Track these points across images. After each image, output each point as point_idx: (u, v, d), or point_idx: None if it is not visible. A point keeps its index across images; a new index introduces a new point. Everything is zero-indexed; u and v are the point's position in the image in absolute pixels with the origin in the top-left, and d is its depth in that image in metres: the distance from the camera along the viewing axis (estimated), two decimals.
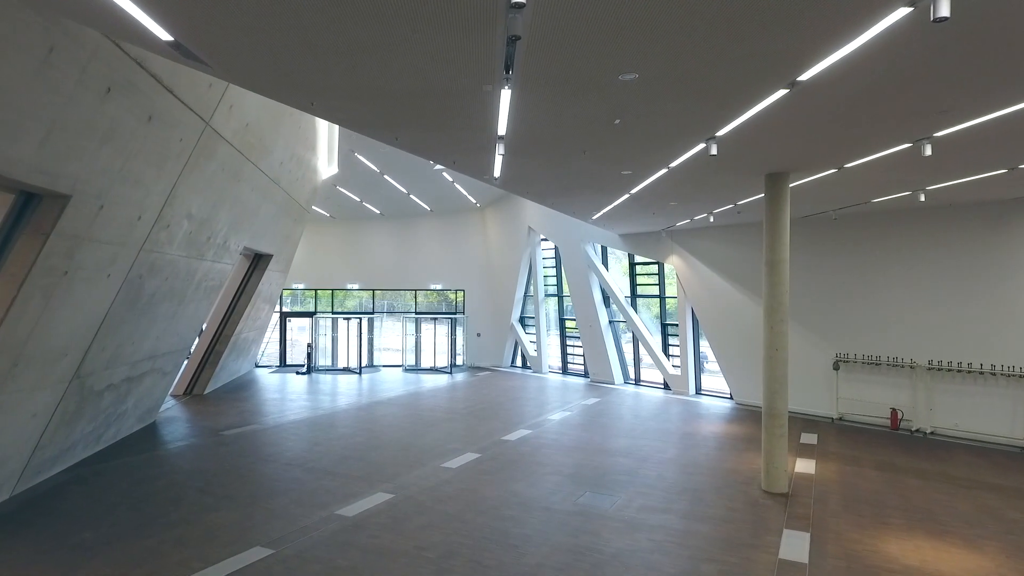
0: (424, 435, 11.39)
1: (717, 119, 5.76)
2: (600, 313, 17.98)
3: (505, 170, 8.16)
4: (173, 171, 8.09)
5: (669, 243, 15.91)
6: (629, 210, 11.93)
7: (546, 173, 8.43)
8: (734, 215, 12.46)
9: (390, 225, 23.63)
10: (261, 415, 13.28)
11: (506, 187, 9.68)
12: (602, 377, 18.10)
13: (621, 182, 9.00)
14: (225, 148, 9.40)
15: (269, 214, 13.95)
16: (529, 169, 8.17)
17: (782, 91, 4.92)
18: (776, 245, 8.26)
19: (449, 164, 7.86)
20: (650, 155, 7.24)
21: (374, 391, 16.93)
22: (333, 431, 11.72)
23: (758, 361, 14.74)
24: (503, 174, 8.44)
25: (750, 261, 14.26)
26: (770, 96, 5.04)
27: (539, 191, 10.04)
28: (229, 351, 16.66)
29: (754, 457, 9.87)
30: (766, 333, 8.30)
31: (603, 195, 10.15)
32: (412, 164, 16.66)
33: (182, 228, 9.30)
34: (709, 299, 15.20)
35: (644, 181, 8.83)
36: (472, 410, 13.94)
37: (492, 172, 8.31)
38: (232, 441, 10.87)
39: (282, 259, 17.87)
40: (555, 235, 19.40)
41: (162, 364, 11.39)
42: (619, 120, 5.77)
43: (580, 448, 10.46)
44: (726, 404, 14.84)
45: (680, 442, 11.02)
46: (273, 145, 11.74)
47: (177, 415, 13.20)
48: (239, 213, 11.71)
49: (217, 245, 11.30)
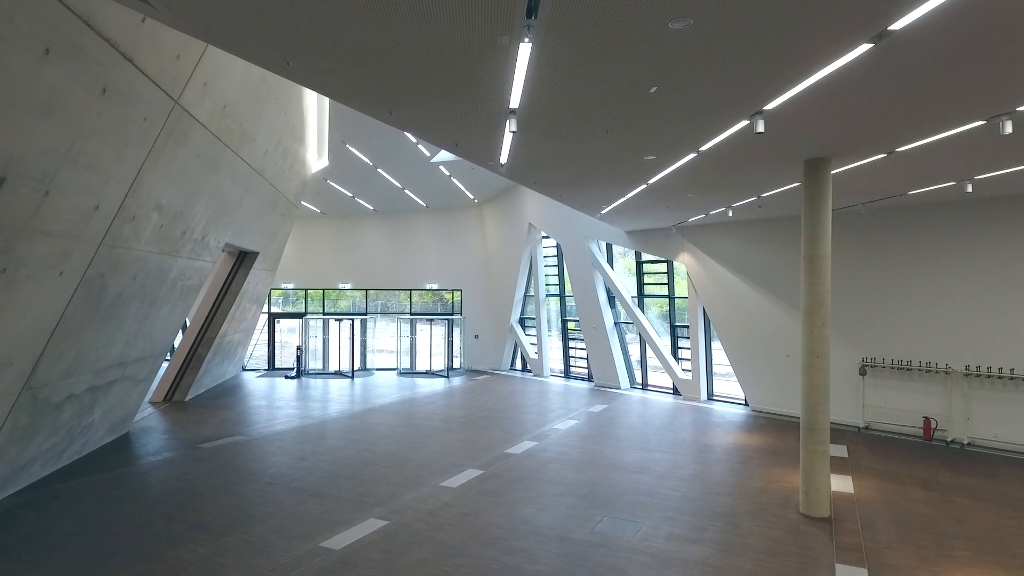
0: (420, 448, 10.46)
1: (773, 86, 4.86)
2: (605, 314, 17.09)
3: (513, 154, 7.24)
4: (137, 155, 7.13)
5: (680, 240, 15.03)
6: (642, 203, 11.04)
7: (559, 158, 7.52)
8: (754, 209, 11.60)
9: (384, 222, 22.65)
10: (245, 425, 12.31)
11: (512, 176, 8.76)
12: (607, 381, 17.21)
13: (641, 170, 8.10)
14: (199, 132, 8.44)
15: (253, 208, 12.98)
16: (541, 153, 7.25)
17: (865, 46, 4.02)
18: (816, 239, 7.38)
19: (450, 146, 6.93)
20: (682, 135, 6.34)
21: (367, 397, 15.98)
22: (322, 443, 10.77)
23: (775, 366, 14.18)
24: (511, 160, 7.52)
25: (769, 259, 13.41)
26: (848, 53, 4.14)
27: (548, 180, 9.12)
28: (213, 354, 15.67)
29: (783, 473, 9.00)
30: (805, 338, 7.42)
31: (619, 185, 9.25)
32: (407, 157, 15.73)
33: (151, 221, 8.34)
34: (723, 299, 14.33)
35: (667, 168, 7.93)
36: (471, 418, 13.02)
37: (498, 157, 7.39)
38: (210, 456, 9.91)
39: (269, 257, 16.89)
40: (557, 232, 18.49)
41: (134, 371, 10.41)
42: (656, 88, 4.86)
43: (591, 463, 9.56)
44: (740, 411, 13.98)
45: (699, 455, 10.14)
46: (255, 132, 10.78)
47: (154, 425, 12.22)
48: (219, 206, 10.74)
49: (194, 241, 10.33)
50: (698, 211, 12.09)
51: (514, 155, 7.31)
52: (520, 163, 7.80)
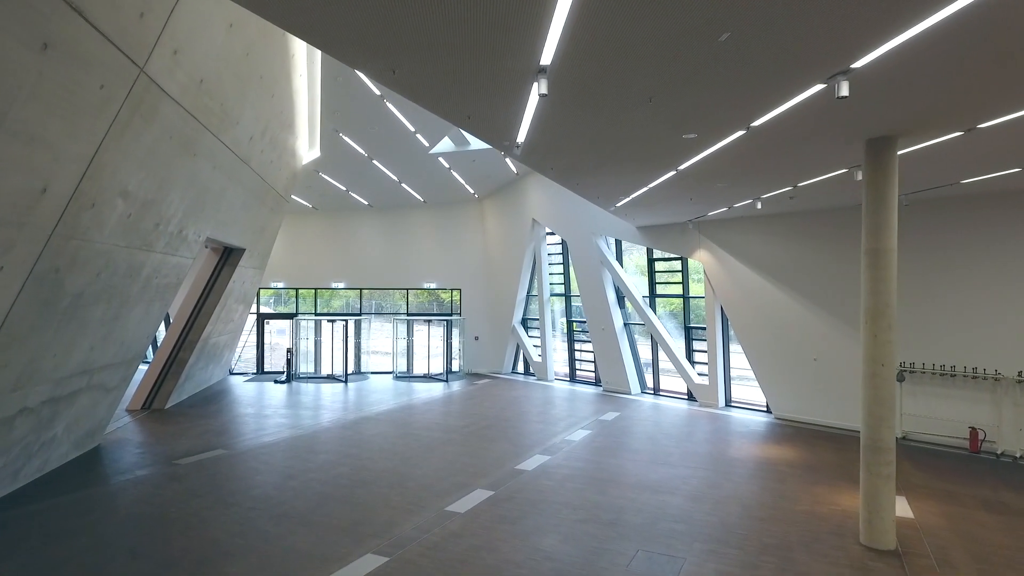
0: (422, 463, 9.46)
1: (872, 34, 3.90)
2: (614, 315, 16.13)
3: (534, 132, 6.25)
4: (94, 130, 6.10)
5: (696, 236, 14.09)
6: (664, 195, 10.08)
7: (586, 137, 6.53)
8: (783, 201, 10.66)
9: (379, 217, 21.59)
10: (228, 436, 11.26)
11: (527, 161, 7.77)
12: (616, 386, 16.24)
13: (676, 152, 7.13)
14: (171, 109, 7.41)
15: (238, 200, 11.93)
16: (566, 129, 6.26)
17: None
18: (881, 230, 6.44)
19: (461, 120, 5.93)
20: (738, 104, 5.38)
21: (361, 403, 14.94)
22: (312, 458, 9.74)
23: (801, 370, 12.87)
24: (529, 139, 6.53)
25: (795, 255, 12.49)
26: None
27: (567, 166, 8.14)
28: (196, 358, 14.60)
29: (828, 493, 8.06)
30: (867, 344, 6.47)
31: (646, 172, 8.28)
32: (405, 148, 14.71)
33: (115, 209, 7.29)
34: (743, 299, 13.40)
35: (706, 150, 6.96)
36: (476, 428, 12.02)
37: (515, 135, 6.40)
38: (188, 473, 8.87)
39: (257, 254, 15.83)
40: (563, 228, 17.51)
41: (103, 379, 9.36)
42: (728, 34, 3.89)
43: (613, 481, 8.59)
44: (762, 419, 13.05)
45: (730, 471, 9.18)
46: (239, 114, 9.74)
47: (128, 436, 11.15)
48: (198, 196, 9.70)
49: (170, 234, 9.28)
50: (722, 204, 11.14)
51: (534, 133, 6.32)
52: (539, 143, 6.81)
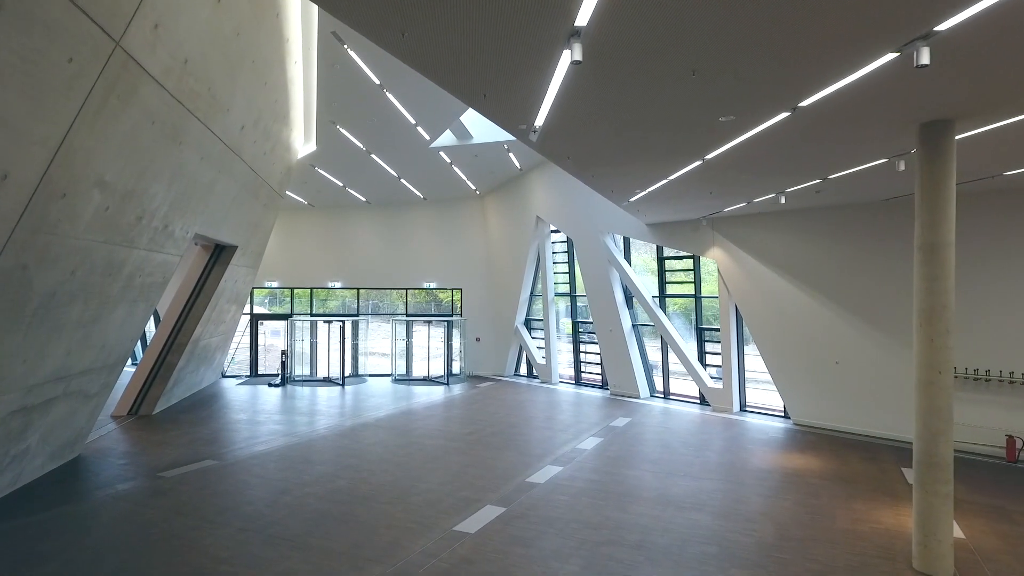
0: (425, 476, 8.81)
1: None
2: (622, 315, 15.52)
3: (556, 111, 5.61)
4: (62, 110, 5.44)
5: (710, 233, 13.48)
6: (684, 187, 9.47)
7: (614, 117, 5.90)
8: (809, 196, 10.06)
9: (377, 215, 20.92)
10: (219, 445, 10.60)
11: (543, 148, 7.13)
12: (624, 390, 15.63)
13: (707, 138, 6.51)
14: (153, 90, 6.75)
15: (228, 194, 11.26)
16: (593, 108, 5.62)
17: None
18: (937, 222, 5.83)
19: (475, 99, 5.29)
20: (790, 81, 4.76)
21: (359, 408, 14.29)
22: (308, 470, 9.09)
23: (823, 374, 12.03)
24: (549, 120, 5.89)
25: (817, 253, 11.90)
26: None
27: (586, 154, 7.50)
28: (185, 361, 13.92)
29: (867, 510, 7.47)
30: (921, 349, 5.87)
31: (670, 161, 7.65)
32: (405, 141, 14.06)
33: (91, 201, 6.63)
34: (760, 299, 12.80)
35: (742, 135, 6.35)
36: (480, 436, 11.38)
37: (534, 117, 5.77)
38: (173, 487, 8.21)
39: (250, 252, 15.15)
40: (568, 225, 16.89)
41: (82, 385, 8.69)
42: None
43: (633, 496, 7.97)
44: (781, 425, 12.45)
45: (757, 484, 8.57)
46: (229, 101, 9.08)
47: (111, 446, 10.48)
48: (185, 189, 9.03)
49: (154, 229, 8.62)
50: (743, 198, 10.54)
51: (555, 114, 5.68)
52: (559, 127, 6.17)
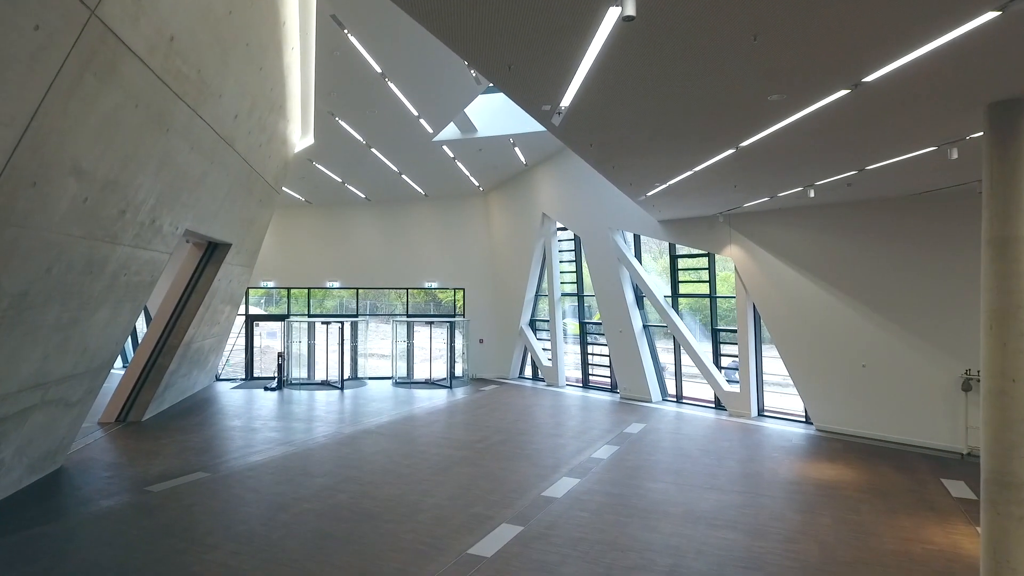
0: (433, 489, 8.19)
1: None
2: (633, 316, 14.92)
3: (587, 88, 4.99)
4: (28, 86, 4.81)
5: (727, 230, 12.89)
6: (708, 180, 8.87)
7: (651, 95, 5.28)
8: (840, 189, 9.46)
9: (377, 212, 20.28)
10: (211, 455, 9.96)
11: (566, 134, 6.51)
12: (635, 393, 15.03)
13: (748, 121, 5.91)
14: (135, 69, 6.12)
15: (221, 187, 10.62)
16: (629, 84, 5.00)
17: None
18: (1011, 213, 5.21)
19: (499, 72, 4.67)
20: (861, 49, 4.16)
21: (359, 414, 13.66)
22: (306, 483, 8.46)
23: (848, 378, 11.25)
24: (578, 100, 5.27)
25: (842, 251, 11.32)
26: None
27: (613, 140, 6.88)
28: (177, 364, 13.27)
29: (915, 528, 6.88)
30: (991, 354, 5.27)
31: (702, 149, 7.04)
32: (407, 134, 13.45)
33: (67, 191, 5.99)
34: (781, 299, 12.21)
35: (786, 118, 5.75)
36: (489, 444, 10.76)
37: (561, 95, 5.15)
38: (160, 504, 7.58)
39: (245, 250, 14.50)
40: (576, 222, 16.29)
41: (63, 393, 8.05)
42: None
43: (659, 512, 7.36)
44: (803, 431, 11.87)
45: (790, 497, 7.98)
46: (221, 86, 8.44)
47: (96, 456, 9.83)
48: (173, 180, 8.39)
49: (140, 224, 7.98)
50: (767, 192, 9.95)
51: (585, 93, 5.07)
52: (588, 108, 5.56)
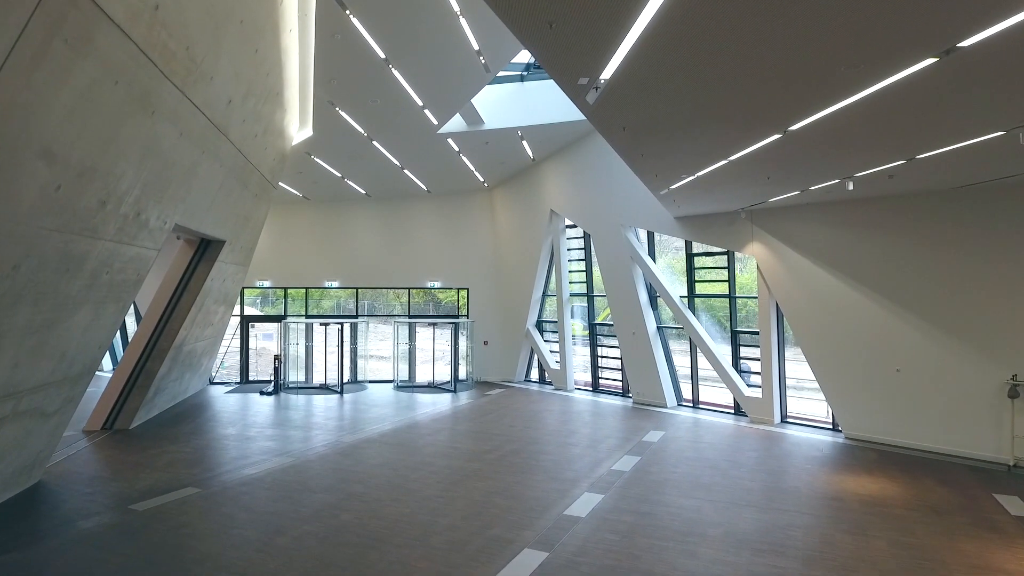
0: (445, 507, 7.49)
1: None
2: (647, 317, 14.26)
3: (636, 54, 4.31)
4: None
5: (749, 227, 12.23)
6: (739, 171, 8.22)
7: (706, 67, 4.61)
8: (880, 182, 8.80)
9: (378, 209, 19.57)
10: (202, 467, 9.24)
11: (598, 113, 5.82)
12: (649, 398, 14.37)
13: (805, 99, 5.23)
14: (114, 40, 5.41)
15: (213, 180, 9.90)
16: (682, 54, 4.33)
17: None
18: None
19: (537, 32, 3.99)
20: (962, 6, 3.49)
21: (359, 420, 12.95)
22: (306, 500, 7.75)
23: (881, 382, 10.55)
24: (621, 72, 4.59)
25: (874, 248, 10.66)
26: None
27: (648, 122, 6.19)
28: (168, 368, 12.55)
29: (981, 551, 6.22)
30: None
31: (746, 132, 6.37)
32: (410, 126, 12.76)
33: (35, 177, 5.28)
34: (807, 300, 11.56)
35: (851, 96, 5.07)
36: (501, 454, 10.07)
37: (603, 65, 4.47)
38: (145, 525, 6.86)
39: (240, 248, 13.78)
40: (585, 219, 15.62)
41: (38, 403, 7.33)
42: None
43: (695, 533, 6.68)
44: (831, 439, 11.21)
45: (836, 516, 7.31)
46: (212, 66, 7.73)
47: (78, 468, 9.11)
48: (160, 170, 7.67)
49: (123, 217, 7.25)
50: (801, 184, 9.28)
51: (631, 63, 4.39)
52: (628, 83, 4.88)
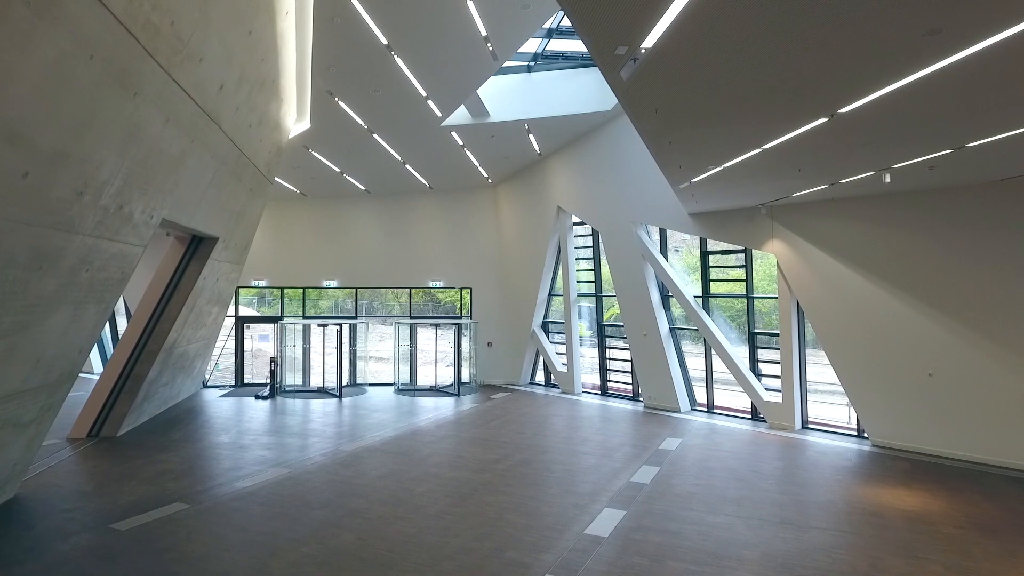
0: (454, 526, 6.88)
1: None
2: (659, 317, 13.67)
3: (683, 21, 3.72)
4: None
5: (769, 223, 11.65)
6: (767, 162, 7.63)
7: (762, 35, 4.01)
8: (919, 173, 8.23)
9: (378, 206, 18.95)
10: (192, 480, 8.63)
11: (631, 91, 5.22)
12: (662, 402, 13.78)
13: (868, 73, 4.64)
14: (88, 7, 4.80)
15: (204, 172, 9.28)
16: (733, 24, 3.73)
17: None
18: None
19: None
20: None
21: (359, 427, 12.34)
22: (303, 517, 7.14)
23: (911, 388, 9.95)
24: (663, 43, 4.00)
25: (903, 247, 10.10)
26: None
27: (683, 103, 5.59)
28: (158, 371, 11.93)
29: None
30: None
31: (788, 115, 5.77)
32: (413, 118, 12.16)
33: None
34: (831, 300, 10.98)
35: (920, 70, 4.49)
36: (510, 464, 9.48)
37: (647, 31, 3.88)
38: (127, 548, 6.25)
39: (234, 245, 13.16)
40: (594, 216, 15.03)
41: (11, 412, 6.73)
42: None
43: (731, 556, 6.09)
44: (857, 446, 10.63)
45: (880, 535, 6.73)
46: (202, 47, 7.12)
47: (58, 481, 8.49)
48: (145, 158, 7.05)
49: (103, 209, 6.64)
50: (833, 177, 8.70)
51: (677, 30, 3.79)
52: (669, 56, 4.28)
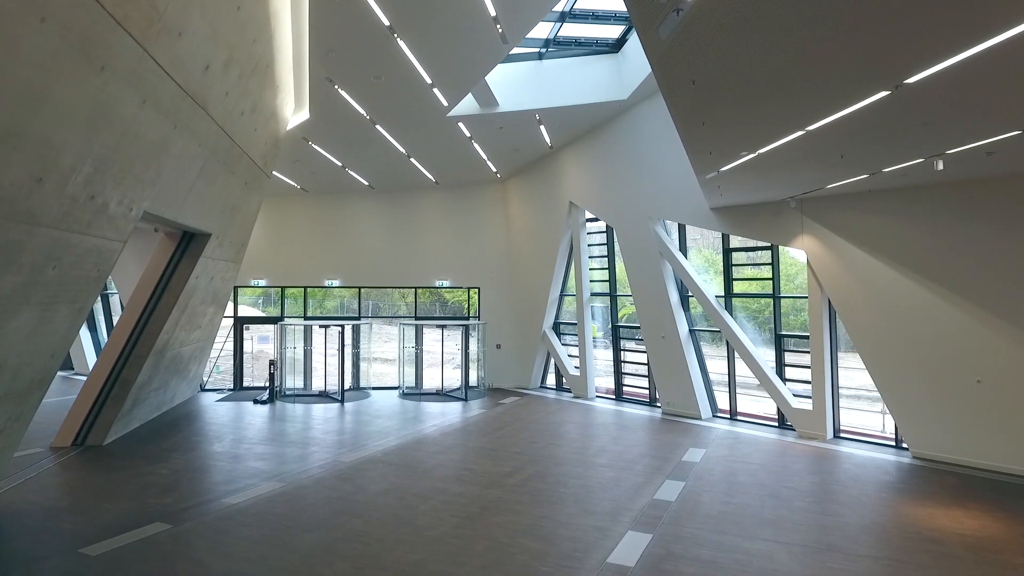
0: (462, 553, 6.17)
1: None
2: (678, 319, 12.91)
3: None
4: None
5: (799, 218, 10.87)
6: (808, 147, 6.88)
7: None
8: (976, 160, 7.44)
9: (382, 202, 18.26)
10: (177, 494, 7.95)
11: (668, 59, 4.50)
12: (681, 408, 13.02)
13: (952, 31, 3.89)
14: None
15: (191, 161, 8.60)
16: None
17: None
18: None
19: None
20: None
21: (361, 435, 11.65)
22: (295, 542, 6.44)
23: (957, 396, 9.17)
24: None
25: (949, 242, 9.29)
26: None
27: (722, 74, 4.84)
28: (148, 375, 11.29)
29: None
30: None
31: (845, 88, 5.00)
32: (418, 108, 11.44)
33: None
34: (867, 301, 10.19)
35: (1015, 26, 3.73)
36: (523, 479, 8.75)
37: None
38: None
39: (229, 242, 12.50)
40: (608, 212, 14.29)
41: None
42: None
43: None
44: (897, 458, 9.83)
45: (940, 565, 5.95)
46: (181, 19, 6.41)
47: (32, 496, 7.83)
48: (118, 142, 6.35)
49: (71, 199, 5.95)
50: (875, 165, 7.92)
51: None
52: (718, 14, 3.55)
